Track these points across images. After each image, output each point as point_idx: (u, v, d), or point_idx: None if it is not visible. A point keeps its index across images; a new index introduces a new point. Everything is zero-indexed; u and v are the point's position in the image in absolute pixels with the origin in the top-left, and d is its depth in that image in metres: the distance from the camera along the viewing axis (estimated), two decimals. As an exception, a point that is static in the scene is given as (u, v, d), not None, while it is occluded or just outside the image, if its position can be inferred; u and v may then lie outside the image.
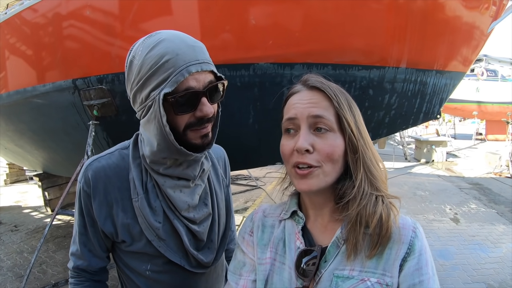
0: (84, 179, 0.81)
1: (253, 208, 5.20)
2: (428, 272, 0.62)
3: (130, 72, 0.76)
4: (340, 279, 0.63)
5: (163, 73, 0.71)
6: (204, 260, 0.89)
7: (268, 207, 0.83)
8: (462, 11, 2.64)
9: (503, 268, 3.26)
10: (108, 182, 0.81)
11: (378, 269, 0.62)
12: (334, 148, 0.65)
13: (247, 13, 2.22)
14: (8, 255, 3.78)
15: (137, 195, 0.81)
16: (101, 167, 0.82)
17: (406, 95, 2.72)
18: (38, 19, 2.80)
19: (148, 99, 0.74)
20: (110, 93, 2.56)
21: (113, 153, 0.86)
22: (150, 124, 0.76)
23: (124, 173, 0.83)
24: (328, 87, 0.68)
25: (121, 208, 0.82)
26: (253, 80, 2.36)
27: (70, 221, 4.88)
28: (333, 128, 0.66)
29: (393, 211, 0.65)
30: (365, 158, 0.67)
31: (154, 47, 0.72)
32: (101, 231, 0.84)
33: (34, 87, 2.92)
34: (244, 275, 0.75)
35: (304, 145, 0.64)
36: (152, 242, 0.83)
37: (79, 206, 0.84)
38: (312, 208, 0.73)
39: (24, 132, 3.59)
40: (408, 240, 0.63)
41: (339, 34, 2.30)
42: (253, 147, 2.74)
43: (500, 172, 7.60)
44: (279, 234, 0.74)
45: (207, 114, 0.75)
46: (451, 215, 4.85)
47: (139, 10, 2.38)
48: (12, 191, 6.88)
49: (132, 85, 0.76)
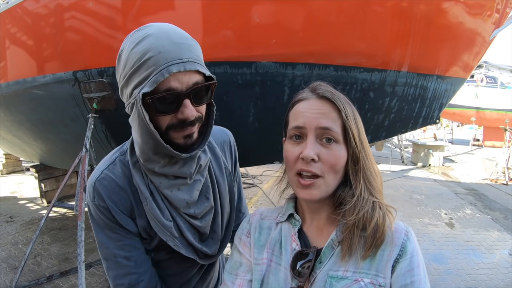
0: (97, 196, 0.79)
1: (250, 206, 5.21)
2: (419, 273, 0.64)
3: (118, 66, 0.74)
4: (335, 279, 0.65)
5: (145, 71, 0.67)
6: (209, 252, 0.90)
7: (265, 210, 0.85)
8: (465, 18, 2.64)
9: (496, 274, 3.28)
10: (120, 191, 0.81)
11: (371, 270, 0.64)
12: (338, 159, 0.67)
13: (251, 11, 2.21)
14: (3, 246, 3.77)
15: (145, 199, 0.81)
16: (110, 180, 0.80)
17: (406, 99, 2.72)
18: (40, 9, 2.78)
19: (131, 96, 0.71)
20: (110, 87, 2.55)
21: (115, 162, 0.84)
22: (135, 122, 0.74)
23: (131, 180, 0.82)
24: (338, 98, 0.69)
25: (137, 213, 0.83)
26: (254, 79, 2.35)
27: (66, 214, 4.87)
28: (339, 139, 0.67)
29: (389, 217, 0.67)
30: (365, 169, 0.69)
31: (139, 42, 0.68)
32: (137, 233, 0.84)
33: (34, 78, 2.90)
34: (240, 274, 0.76)
35: (310, 154, 0.65)
36: (168, 242, 0.83)
37: (103, 225, 0.81)
38: (309, 212, 0.75)
39: (23, 122, 3.57)
40: (401, 242, 0.65)
41: (342, 36, 2.30)
42: (252, 145, 2.74)
43: (496, 179, 7.64)
44: (276, 236, 0.76)
45: (188, 118, 0.71)
46: (446, 219, 4.87)
47: (142, 4, 2.37)
48: (8, 181, 6.85)
49: (119, 79, 0.74)
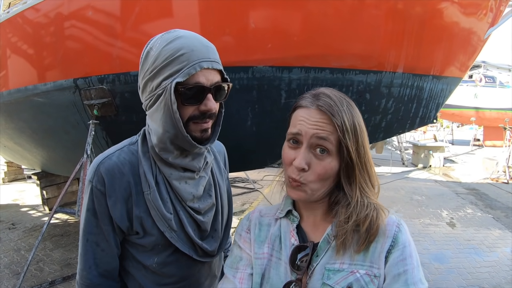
0: (97, 178, 0.81)
1: (251, 210, 5.22)
2: (412, 263, 0.66)
3: (145, 62, 0.81)
4: (332, 272, 0.67)
5: (177, 65, 0.76)
6: (209, 249, 0.93)
7: (264, 208, 0.88)
8: (459, 17, 2.67)
9: (497, 272, 3.29)
10: (122, 178, 0.82)
11: (366, 262, 0.67)
12: (326, 170, 0.69)
13: (247, 17, 2.25)
14: (5, 253, 3.79)
15: (149, 188, 0.83)
16: (113, 164, 0.83)
17: (403, 99, 2.75)
18: (40, 18, 2.83)
19: (159, 87, 0.79)
20: (110, 93, 2.59)
21: (122, 149, 0.87)
22: (158, 112, 0.80)
23: (135, 168, 0.85)
24: (337, 112, 0.68)
25: (135, 203, 0.84)
26: (251, 83, 2.39)
27: (68, 220, 4.89)
28: (332, 152, 0.68)
29: (383, 212, 0.69)
30: (361, 181, 0.70)
31: (172, 41, 0.78)
32: (117, 227, 0.84)
33: (35, 85, 2.94)
34: (241, 268, 0.78)
35: (301, 165, 0.68)
36: (165, 233, 0.85)
37: (91, 207, 0.83)
38: (305, 209, 0.78)
39: (24, 130, 3.61)
40: (392, 234, 0.68)
41: (338, 39, 2.33)
42: (251, 149, 2.77)
43: (497, 178, 7.64)
44: (276, 231, 0.79)
45: (211, 109, 0.81)
46: (447, 219, 4.87)
47: (141, 12, 2.41)
48: (10, 189, 6.88)
49: (145, 74, 0.81)
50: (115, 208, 0.82)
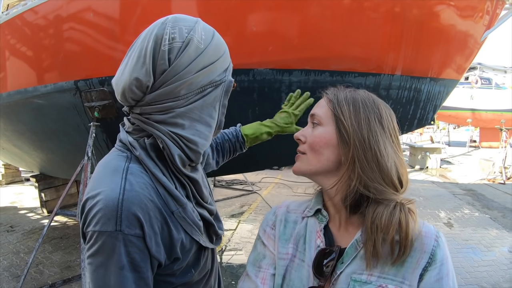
0: (128, 222, 0.59)
1: (249, 212, 5.23)
2: (448, 283, 0.61)
3: (186, 54, 0.67)
4: (358, 283, 0.62)
5: (226, 62, 0.76)
6: (223, 228, 0.89)
7: (292, 203, 0.83)
8: (456, 20, 2.71)
9: (496, 271, 3.32)
10: (153, 209, 0.65)
11: (398, 277, 0.62)
12: (315, 138, 0.70)
13: (248, 20, 2.27)
14: (5, 255, 3.77)
15: (182, 204, 0.71)
16: (142, 196, 0.63)
17: (401, 101, 2.78)
18: (40, 20, 2.83)
19: (209, 84, 0.71)
20: (111, 95, 2.60)
21: (131, 172, 0.66)
22: (205, 109, 0.71)
23: (155, 188, 0.67)
24: (333, 93, 0.74)
25: (172, 225, 0.69)
26: (252, 85, 2.41)
27: (67, 223, 4.87)
28: (322, 122, 0.71)
29: (412, 218, 0.62)
30: (363, 165, 0.64)
31: (214, 35, 0.74)
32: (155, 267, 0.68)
33: (35, 87, 2.94)
34: (263, 267, 0.75)
35: (297, 135, 0.75)
36: (200, 242, 0.76)
37: (126, 262, 0.60)
38: (331, 206, 0.73)
39: (23, 132, 3.60)
40: (430, 249, 0.62)
41: (337, 42, 2.35)
42: (252, 151, 2.78)
43: (493, 179, 7.70)
44: (301, 230, 0.74)
45: None
46: (445, 220, 4.91)
47: (141, 15, 2.43)
48: (8, 192, 6.83)
49: (191, 68, 0.67)
50: (158, 247, 0.65)
